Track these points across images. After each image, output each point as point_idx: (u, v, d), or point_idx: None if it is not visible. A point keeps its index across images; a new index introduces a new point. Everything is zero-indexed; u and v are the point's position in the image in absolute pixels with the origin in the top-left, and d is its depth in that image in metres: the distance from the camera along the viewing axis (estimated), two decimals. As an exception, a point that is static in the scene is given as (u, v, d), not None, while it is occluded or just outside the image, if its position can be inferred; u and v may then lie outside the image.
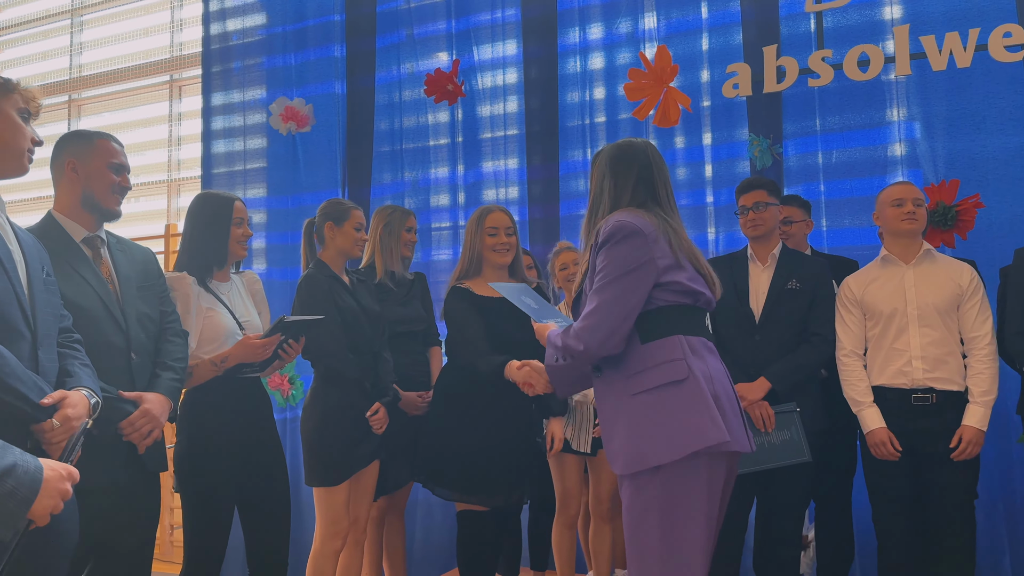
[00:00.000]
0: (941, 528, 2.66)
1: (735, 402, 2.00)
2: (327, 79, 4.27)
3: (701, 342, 1.99)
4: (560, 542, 3.18)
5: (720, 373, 1.99)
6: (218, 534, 2.49)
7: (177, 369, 2.24)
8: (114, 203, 2.23)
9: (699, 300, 2.02)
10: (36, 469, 1.20)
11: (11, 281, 1.65)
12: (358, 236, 2.91)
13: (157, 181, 5.18)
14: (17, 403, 1.56)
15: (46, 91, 5.35)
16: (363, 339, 2.86)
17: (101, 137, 2.24)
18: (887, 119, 3.36)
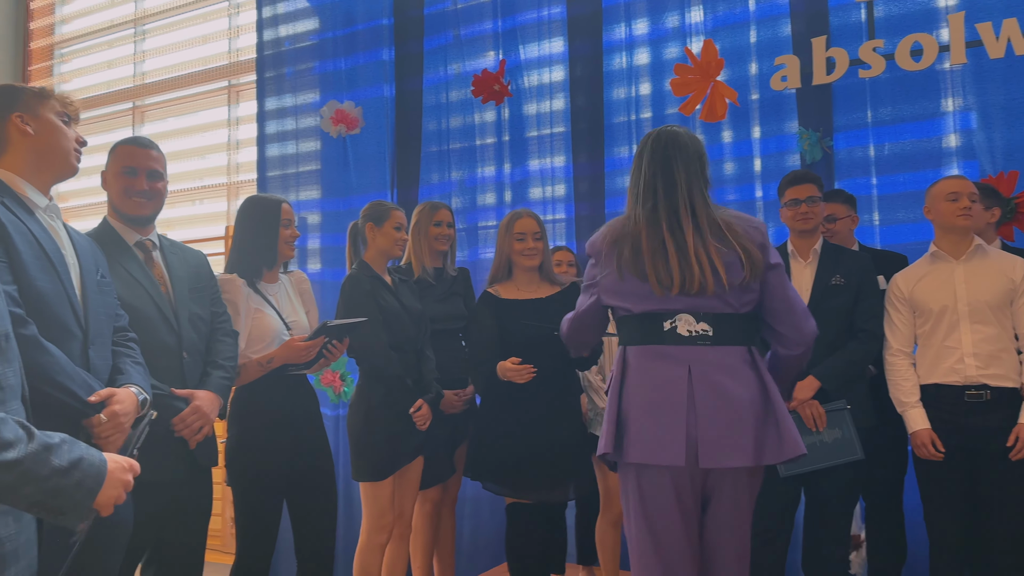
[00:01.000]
0: (996, 529, 2.59)
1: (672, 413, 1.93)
2: (376, 82, 4.34)
3: (648, 351, 2.00)
4: (604, 540, 3.19)
5: (652, 385, 1.97)
6: (268, 526, 2.57)
7: (227, 368, 2.32)
8: (131, 207, 2.26)
9: (640, 309, 2.01)
10: (101, 462, 1.26)
11: (63, 283, 1.74)
12: (398, 236, 2.97)
13: (217, 184, 5.33)
14: (66, 399, 1.65)
15: (111, 99, 5.59)
16: (405, 337, 2.91)
17: (123, 144, 2.31)
18: (941, 110, 3.26)
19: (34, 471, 1.15)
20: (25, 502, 1.17)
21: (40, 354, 1.62)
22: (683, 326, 1.97)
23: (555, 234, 3.92)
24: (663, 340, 1.98)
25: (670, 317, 1.98)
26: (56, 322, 1.71)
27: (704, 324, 1.97)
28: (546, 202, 3.96)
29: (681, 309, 1.98)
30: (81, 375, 1.71)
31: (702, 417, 1.92)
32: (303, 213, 4.50)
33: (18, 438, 1.14)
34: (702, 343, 1.96)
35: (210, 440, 2.26)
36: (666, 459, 1.91)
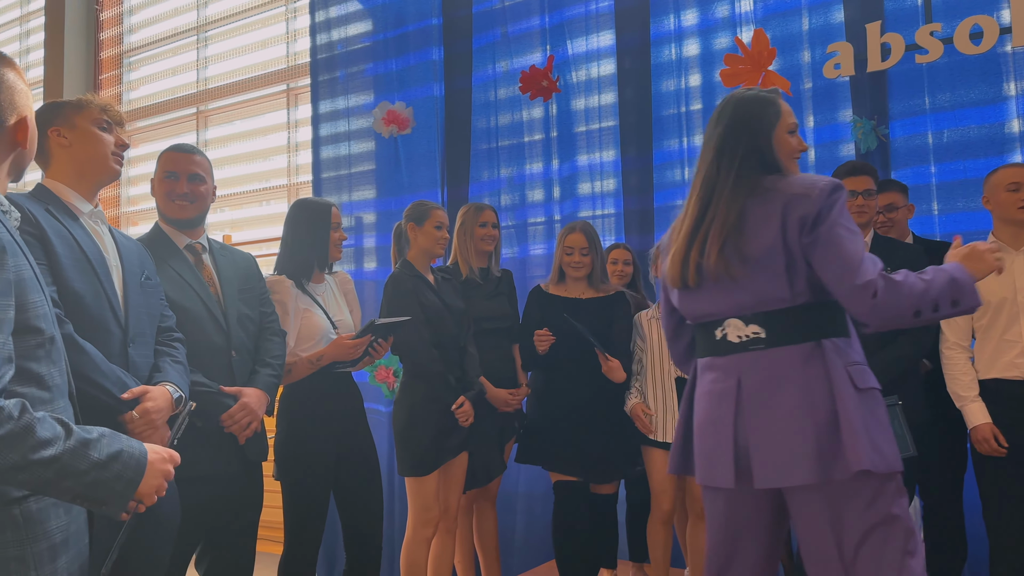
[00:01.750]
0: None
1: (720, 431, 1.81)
2: (426, 82, 4.38)
3: (705, 364, 1.89)
4: (654, 538, 3.18)
5: (706, 400, 1.85)
6: (315, 517, 2.65)
7: (275, 366, 2.40)
8: (173, 210, 2.34)
9: (691, 317, 1.93)
10: (141, 454, 1.32)
11: (102, 284, 1.82)
12: (439, 235, 3.01)
13: (279, 186, 5.46)
14: (100, 395, 1.73)
15: (175, 104, 5.78)
16: (447, 335, 2.95)
17: (166, 150, 2.39)
18: (1003, 94, 3.13)
19: (72, 466, 1.20)
20: (67, 495, 1.23)
21: (75, 352, 1.69)
22: (732, 332, 1.81)
23: (604, 229, 3.90)
24: (716, 351, 1.84)
25: (719, 325, 1.83)
26: (94, 321, 1.79)
27: (755, 327, 1.78)
28: (595, 197, 3.95)
29: (728, 313, 1.81)
30: (116, 372, 1.79)
31: (752, 432, 1.75)
32: (358, 213, 4.58)
33: (56, 435, 1.20)
34: (755, 348, 1.78)
35: (259, 436, 2.34)
36: (716, 479, 1.80)
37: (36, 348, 1.27)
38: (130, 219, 5.94)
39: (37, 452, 1.17)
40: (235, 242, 5.46)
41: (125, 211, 5.96)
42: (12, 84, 1.36)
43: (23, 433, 1.16)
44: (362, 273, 4.50)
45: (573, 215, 3.98)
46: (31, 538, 1.24)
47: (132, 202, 5.99)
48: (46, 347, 1.29)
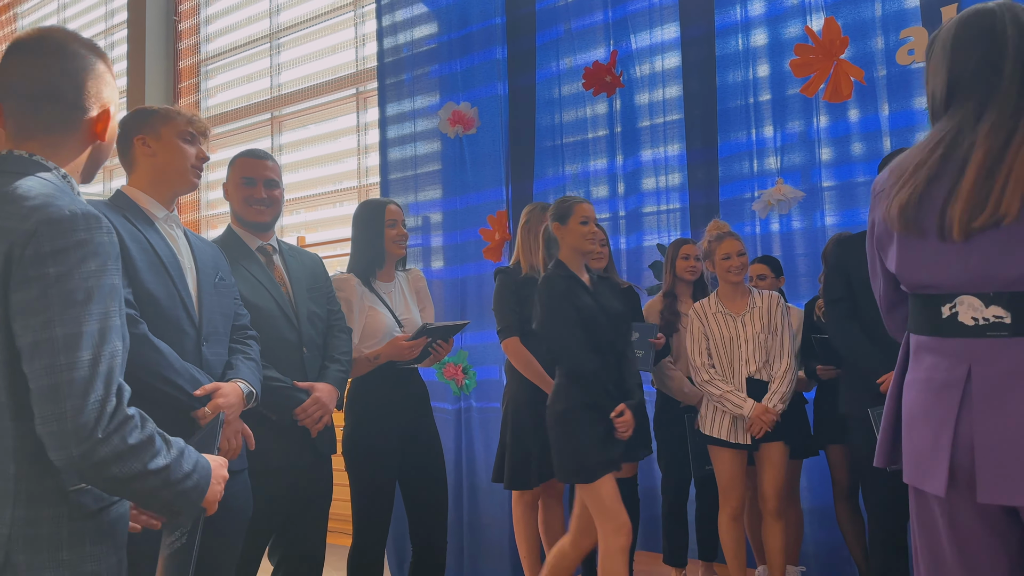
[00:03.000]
0: None
1: (938, 428, 1.52)
2: (490, 81, 4.41)
3: (925, 342, 1.57)
4: (726, 535, 3.13)
5: (923, 387, 1.56)
6: (382, 509, 2.71)
7: (343, 362, 2.46)
8: (252, 214, 2.43)
9: (912, 284, 1.57)
10: (207, 463, 1.34)
11: (176, 286, 1.89)
12: (586, 230, 2.84)
13: (350, 188, 5.58)
14: (174, 392, 1.79)
15: (251, 111, 5.95)
16: (604, 339, 2.78)
17: (240, 156, 2.48)
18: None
19: (174, 475, 1.23)
20: (158, 503, 1.25)
21: (150, 350, 1.77)
22: (966, 312, 1.48)
23: (670, 224, 3.86)
24: (941, 330, 1.52)
25: (948, 300, 1.50)
26: (168, 321, 1.86)
27: (997, 308, 1.45)
28: (659, 192, 3.91)
29: (963, 288, 1.48)
30: (190, 370, 1.86)
31: (980, 435, 1.44)
32: (425, 213, 4.64)
33: (162, 445, 1.23)
34: (994, 334, 1.45)
35: (329, 429, 2.40)
36: (926, 483, 1.51)
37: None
38: (209, 223, 6.15)
39: (154, 461, 1.19)
40: (309, 243, 5.60)
41: (205, 215, 6.17)
42: (101, 74, 1.37)
43: (148, 442, 1.19)
44: (430, 272, 4.56)
45: (638, 210, 3.95)
46: (105, 552, 1.25)
47: (211, 206, 6.20)
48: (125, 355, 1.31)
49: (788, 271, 3.60)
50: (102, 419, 1.13)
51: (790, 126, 3.62)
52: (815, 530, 3.48)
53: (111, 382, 1.16)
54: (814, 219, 3.55)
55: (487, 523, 4.13)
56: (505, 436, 3.18)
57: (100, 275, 1.18)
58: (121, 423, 1.16)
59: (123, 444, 1.15)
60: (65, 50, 1.33)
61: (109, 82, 1.39)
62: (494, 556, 4.09)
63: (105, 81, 1.38)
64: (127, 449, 1.15)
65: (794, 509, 3.34)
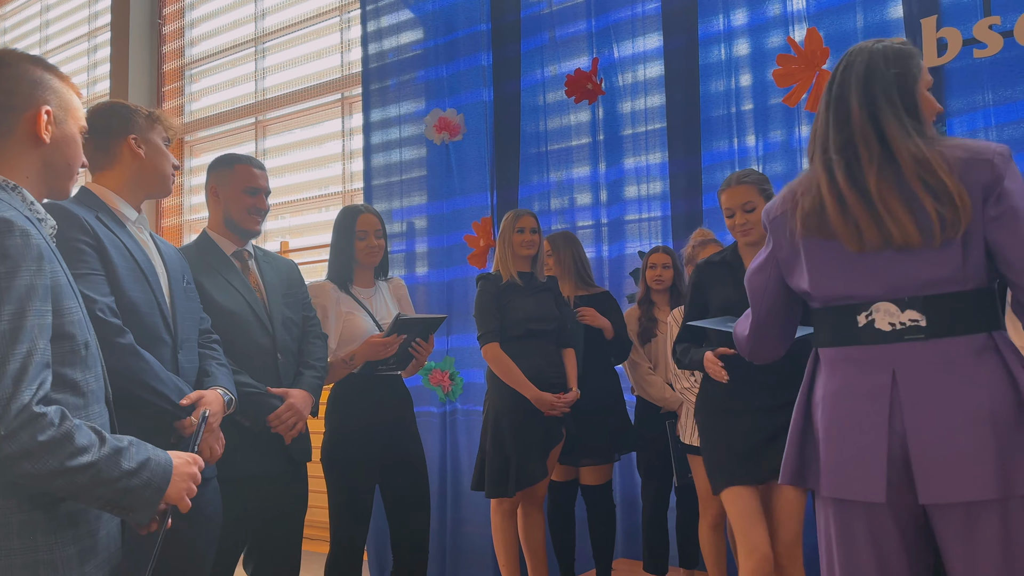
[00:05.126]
0: None
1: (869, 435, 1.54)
2: (475, 87, 4.42)
3: (840, 354, 1.59)
4: (707, 543, 3.14)
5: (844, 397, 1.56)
6: (360, 518, 2.70)
7: (318, 368, 2.45)
8: (252, 223, 2.44)
9: (825, 294, 1.60)
10: (167, 461, 1.36)
11: (154, 292, 1.88)
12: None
13: (335, 193, 5.56)
14: (160, 403, 1.78)
15: (235, 115, 5.93)
16: None
17: (240, 162, 2.46)
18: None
19: (106, 473, 1.25)
20: (98, 501, 1.27)
21: (137, 360, 1.76)
22: (883, 318, 1.52)
23: (652, 233, 3.87)
24: (858, 339, 1.54)
25: (863, 309, 1.53)
26: (148, 330, 1.85)
27: (913, 312, 1.49)
28: (641, 200, 3.92)
29: (878, 296, 1.52)
30: (173, 380, 1.85)
31: (915, 436, 1.46)
32: (409, 218, 4.63)
33: (92, 443, 1.24)
34: (912, 338, 1.49)
35: (304, 437, 2.39)
36: (861, 493, 1.51)
37: (70, 354, 1.30)
38: (192, 227, 6.12)
39: (75, 459, 1.21)
40: (292, 248, 5.58)
41: (188, 219, 6.14)
42: (38, 79, 1.38)
43: (63, 440, 1.20)
44: (414, 278, 4.55)
45: (620, 219, 3.96)
46: (61, 542, 1.27)
47: (194, 210, 6.17)
48: (80, 353, 1.32)
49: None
50: (5, 417, 1.15)
51: (772, 135, 3.65)
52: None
53: (22, 380, 1.17)
54: (794, 228, 3.56)
55: (471, 529, 4.11)
56: (485, 443, 3.18)
57: (11, 277, 1.20)
58: (28, 421, 1.17)
59: (31, 442, 1.17)
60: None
61: (50, 86, 1.40)
62: (478, 562, 4.07)
63: (43, 84, 1.39)
64: (37, 446, 1.17)
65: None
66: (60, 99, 1.42)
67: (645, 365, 3.39)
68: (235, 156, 2.50)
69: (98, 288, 1.76)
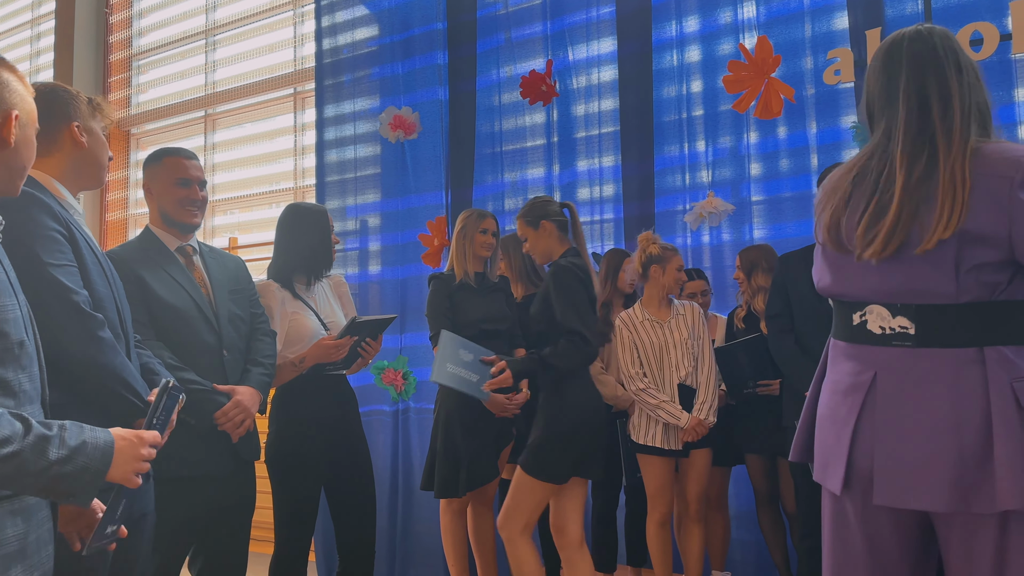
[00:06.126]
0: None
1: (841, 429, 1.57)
2: (431, 85, 4.41)
3: (839, 347, 1.63)
4: (654, 541, 3.18)
5: (835, 390, 1.61)
6: (305, 519, 2.68)
7: (266, 365, 2.42)
8: (187, 216, 2.37)
9: (830, 291, 1.64)
10: (107, 443, 1.30)
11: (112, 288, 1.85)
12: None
13: (286, 189, 5.50)
14: (135, 400, 1.75)
15: (184, 107, 5.82)
16: None
17: (169, 155, 2.40)
18: (1005, 100, 3.11)
19: (32, 462, 1.19)
20: (30, 490, 1.23)
21: (115, 356, 1.73)
22: (874, 321, 1.54)
23: (604, 235, 3.91)
24: (853, 337, 1.58)
25: (860, 308, 1.56)
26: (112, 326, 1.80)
27: (903, 319, 1.50)
28: (594, 203, 3.96)
29: (871, 298, 1.54)
30: (139, 377, 1.82)
31: (880, 439, 1.49)
32: (363, 216, 4.60)
33: (14, 433, 1.18)
34: (899, 344, 1.50)
35: (252, 434, 2.36)
36: (828, 482, 1.57)
37: (3, 352, 1.26)
38: (137, 221, 5.99)
39: None
40: (241, 244, 5.50)
41: (133, 213, 6.01)
42: (4, 82, 1.36)
43: None
44: (367, 275, 4.53)
45: (573, 220, 3.99)
46: (19, 532, 1.23)
47: (139, 204, 6.03)
48: (14, 352, 1.28)
49: (717, 282, 3.69)
50: None
51: (722, 141, 3.72)
52: (741, 534, 3.57)
53: None
54: (743, 232, 3.64)
55: (421, 529, 4.10)
56: (436, 443, 3.18)
57: None
58: None
59: None
60: None
61: (15, 89, 1.38)
62: (427, 562, 4.07)
63: (10, 87, 1.37)
64: None
65: (721, 515, 3.42)
66: (24, 103, 1.39)
67: (598, 365, 3.42)
68: (164, 150, 2.44)
69: (76, 280, 1.73)
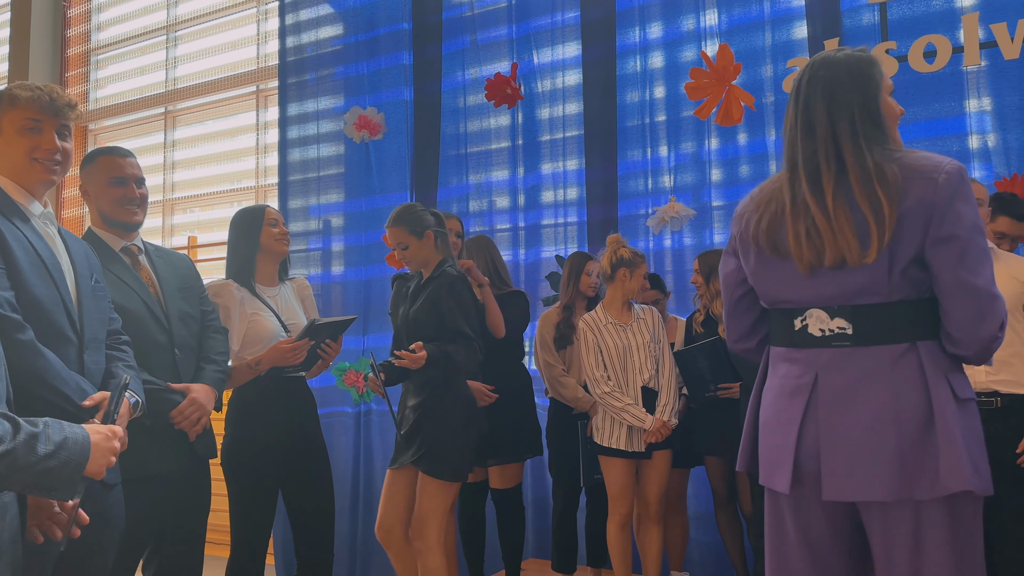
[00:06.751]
0: (1007, 539, 2.55)
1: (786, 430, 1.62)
2: (396, 85, 4.40)
3: (780, 354, 1.69)
4: (614, 542, 3.21)
5: (777, 394, 1.66)
6: (262, 522, 2.65)
7: (220, 362, 2.40)
8: (126, 215, 2.32)
9: (770, 301, 1.71)
10: (84, 438, 1.35)
11: (59, 290, 1.80)
12: None
13: (247, 187, 5.44)
14: (62, 403, 1.71)
15: (143, 104, 5.73)
16: None
17: (103, 154, 2.36)
18: (956, 112, 3.21)
19: (24, 459, 1.23)
20: (18, 486, 1.27)
21: (36, 358, 1.68)
22: (815, 324, 1.61)
23: (568, 238, 3.94)
24: (793, 342, 1.65)
25: (799, 314, 1.63)
26: (52, 328, 1.77)
27: (840, 320, 1.58)
28: (558, 206, 3.99)
29: (811, 303, 1.61)
30: (76, 379, 1.77)
31: (825, 436, 1.56)
32: (326, 216, 4.58)
33: (5, 432, 1.22)
34: (838, 344, 1.58)
35: (208, 432, 2.33)
36: (775, 483, 1.62)
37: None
38: (95, 218, 5.88)
39: None
40: (201, 243, 5.43)
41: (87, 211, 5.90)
42: None
43: None
44: (330, 276, 4.50)
45: (537, 224, 4.01)
46: None
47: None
48: None
49: (678, 285, 3.74)
50: None
51: (684, 147, 3.77)
52: (699, 535, 3.62)
53: None
54: (703, 236, 3.70)
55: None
56: None
57: None
58: None
59: None
60: None
61: None
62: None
63: None
64: None
65: (680, 516, 3.46)
66: None
67: (559, 367, 3.44)
68: (99, 149, 2.40)
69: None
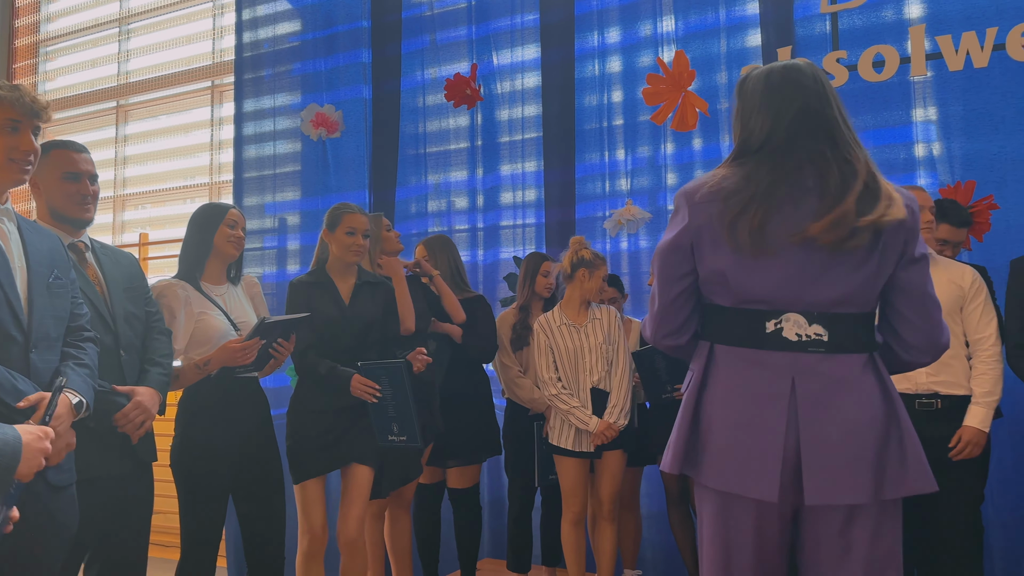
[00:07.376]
0: (945, 533, 2.63)
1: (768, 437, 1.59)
2: (355, 83, 4.38)
3: (742, 355, 1.63)
4: (568, 541, 3.23)
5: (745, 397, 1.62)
6: (212, 525, 2.61)
7: (164, 365, 2.34)
8: (80, 212, 2.28)
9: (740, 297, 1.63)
10: (15, 439, 1.32)
11: (3, 288, 1.75)
12: (351, 241, 2.91)
13: (201, 184, 5.36)
14: None
15: (94, 97, 5.61)
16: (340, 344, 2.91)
17: (57, 147, 2.29)
18: (903, 120, 3.30)
19: None
20: None
21: None
22: (791, 328, 1.59)
23: (526, 240, 3.96)
24: (764, 344, 1.61)
25: (774, 316, 1.60)
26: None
27: (818, 327, 1.58)
28: (517, 207, 4.00)
29: (790, 307, 1.59)
30: (11, 381, 1.70)
31: (808, 444, 1.55)
32: (281, 214, 4.53)
33: None
34: (814, 350, 1.58)
35: (150, 436, 2.29)
36: (755, 491, 1.57)
37: None
38: (43, 213, 5.75)
39: None
40: (152, 240, 5.34)
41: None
42: None
43: None
44: (285, 275, 4.46)
45: (495, 225, 4.02)
46: None
47: (45, 196, 5.79)
48: None
49: (634, 287, 3.78)
50: None
51: (640, 151, 3.81)
52: (652, 534, 3.66)
53: None
54: (659, 239, 3.73)
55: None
56: None
57: None
58: None
59: None
60: None
61: None
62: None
63: None
64: None
65: (633, 515, 3.50)
66: None
67: (515, 368, 3.46)
68: (52, 142, 2.32)
69: None
